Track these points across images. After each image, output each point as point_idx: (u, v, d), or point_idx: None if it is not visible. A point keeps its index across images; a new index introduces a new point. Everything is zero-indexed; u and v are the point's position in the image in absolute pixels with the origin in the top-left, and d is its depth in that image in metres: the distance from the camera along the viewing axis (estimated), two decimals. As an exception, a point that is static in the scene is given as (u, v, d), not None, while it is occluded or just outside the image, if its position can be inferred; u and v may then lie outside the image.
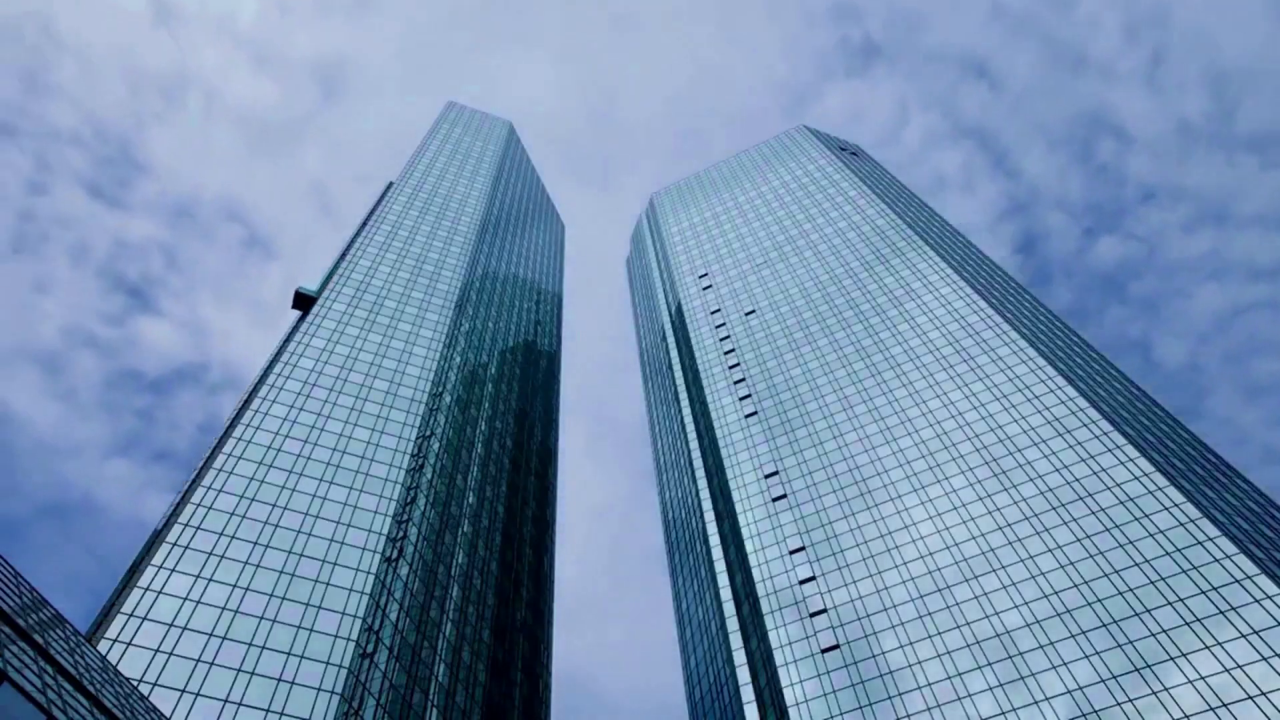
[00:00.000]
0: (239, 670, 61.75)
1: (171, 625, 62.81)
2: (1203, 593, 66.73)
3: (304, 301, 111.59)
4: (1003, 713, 65.99)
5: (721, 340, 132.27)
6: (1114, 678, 64.28)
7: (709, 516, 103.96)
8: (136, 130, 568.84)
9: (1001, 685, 67.85)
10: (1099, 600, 70.02)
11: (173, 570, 67.19)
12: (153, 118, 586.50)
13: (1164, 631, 65.54)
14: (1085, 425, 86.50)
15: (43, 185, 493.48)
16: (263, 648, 64.08)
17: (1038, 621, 71.04)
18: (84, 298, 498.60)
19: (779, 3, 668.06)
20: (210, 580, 67.75)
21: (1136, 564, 71.33)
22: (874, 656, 74.93)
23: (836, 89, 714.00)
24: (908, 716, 69.06)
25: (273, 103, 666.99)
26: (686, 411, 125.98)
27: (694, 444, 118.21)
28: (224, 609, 65.83)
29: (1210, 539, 70.21)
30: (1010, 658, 69.49)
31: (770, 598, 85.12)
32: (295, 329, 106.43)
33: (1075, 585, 72.22)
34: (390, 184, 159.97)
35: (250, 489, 77.79)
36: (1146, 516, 74.67)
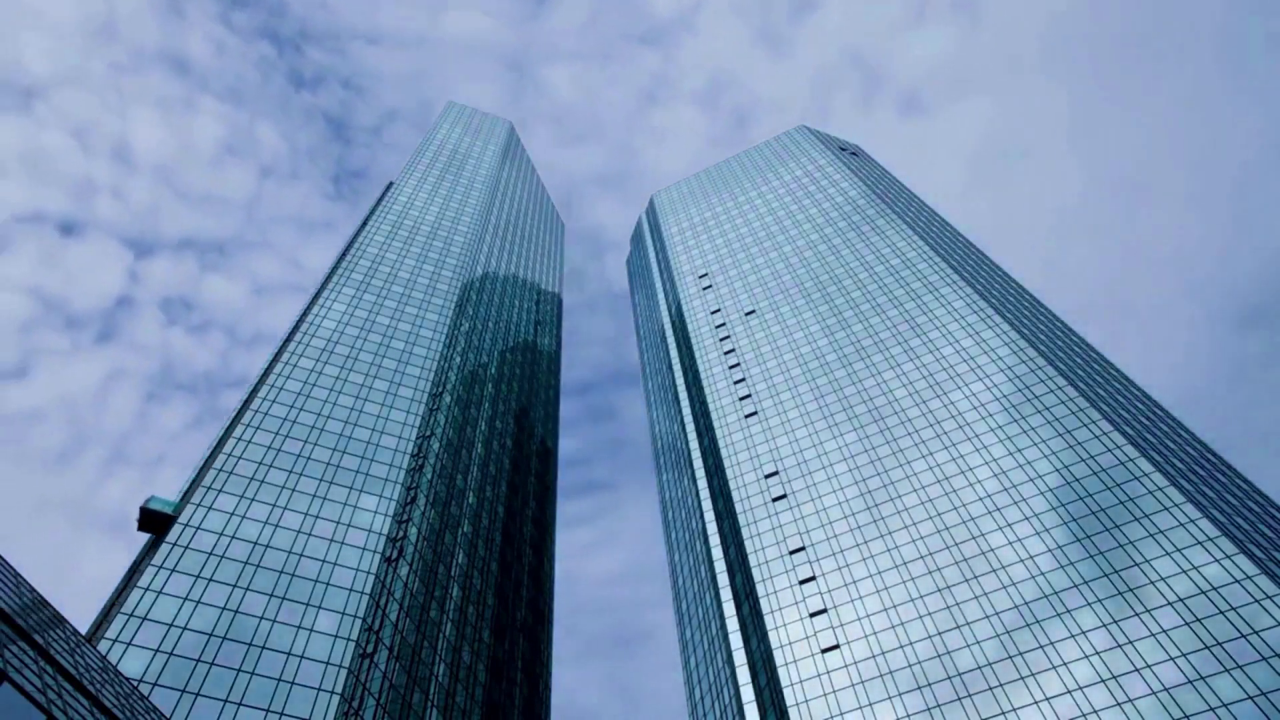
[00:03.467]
0: (239, 670, 61.75)
1: (171, 625, 62.82)
2: (1202, 593, 66.74)
3: (155, 522, 72.43)
4: (1003, 713, 66.00)
5: (721, 340, 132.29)
6: (1114, 678, 64.30)
7: (709, 516, 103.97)
8: None
9: (1002, 685, 67.86)
10: (1099, 600, 70.04)
11: (173, 570, 67.19)
12: None
13: (1164, 632, 65.55)
14: (1085, 425, 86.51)
15: None
16: (263, 648, 64.09)
17: (1038, 621, 71.05)
18: None
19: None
20: (210, 580, 67.76)
21: (1137, 564, 71.33)
22: (874, 657, 74.94)
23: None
24: (908, 716, 69.07)
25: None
26: (686, 411, 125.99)
27: (694, 444, 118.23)
28: (224, 609, 65.84)
29: (1210, 539, 70.22)
30: (1010, 658, 69.50)
31: (770, 598, 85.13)
32: (295, 328, 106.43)
33: (1075, 585, 72.23)
34: (390, 184, 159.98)
35: (250, 489, 77.81)
36: (1147, 516, 74.68)
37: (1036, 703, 65.45)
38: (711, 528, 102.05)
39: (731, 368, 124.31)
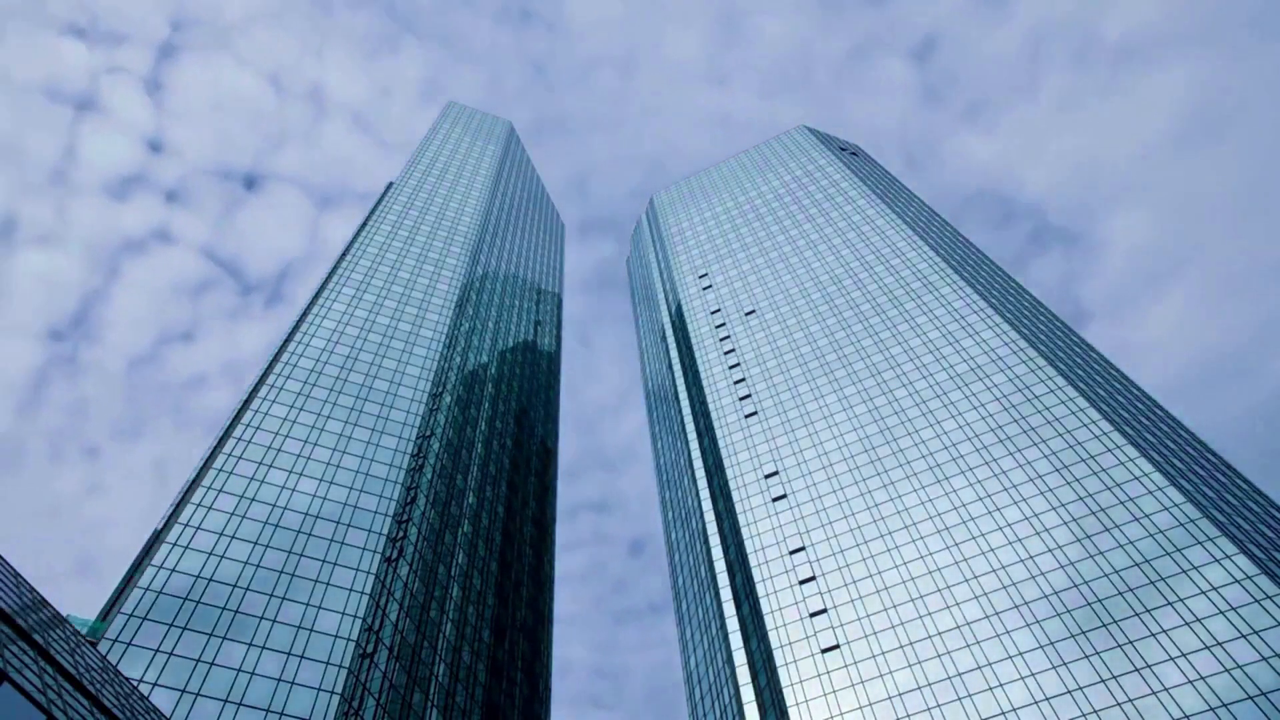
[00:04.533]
0: (239, 670, 61.77)
1: (172, 625, 62.84)
2: (1202, 593, 66.74)
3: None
4: (1003, 713, 66.00)
5: (721, 340, 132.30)
6: (1114, 678, 64.30)
7: (709, 516, 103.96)
8: None
9: (1002, 685, 67.86)
10: (1099, 600, 70.03)
11: (173, 570, 67.21)
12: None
13: (1164, 631, 65.54)
14: (1085, 425, 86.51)
15: None
16: (263, 648, 64.11)
17: (1038, 621, 71.06)
18: None
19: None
20: (210, 580, 67.78)
21: (1136, 564, 71.34)
22: (874, 656, 74.95)
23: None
24: (908, 716, 69.06)
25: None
26: (686, 411, 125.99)
27: (694, 444, 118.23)
28: (224, 609, 65.85)
29: (1210, 539, 70.22)
30: (1010, 658, 69.51)
31: (770, 598, 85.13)
32: (295, 329, 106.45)
33: (1075, 585, 72.23)
34: (390, 184, 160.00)
35: (250, 489, 77.82)
36: (1146, 516, 74.68)
37: (1036, 703, 65.45)
38: (711, 528, 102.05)
39: (731, 368, 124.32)
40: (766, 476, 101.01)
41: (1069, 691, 64.98)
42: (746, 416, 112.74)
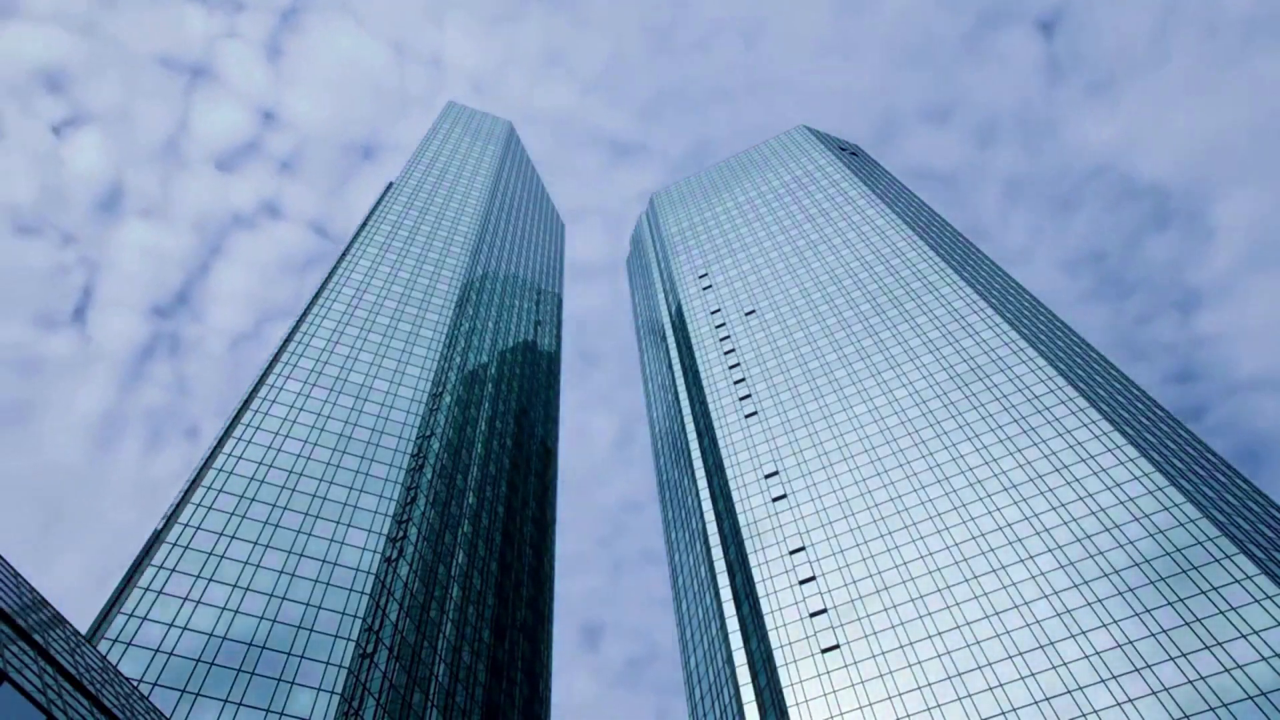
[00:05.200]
0: (239, 670, 61.75)
1: (171, 625, 62.83)
2: (1202, 593, 66.73)
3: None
4: (1003, 713, 65.99)
5: (721, 340, 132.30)
6: (1114, 678, 64.29)
7: (709, 516, 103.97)
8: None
9: (1002, 685, 67.85)
10: (1099, 600, 70.03)
11: (173, 570, 67.20)
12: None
13: (1164, 631, 65.54)
14: (1085, 425, 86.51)
15: None
16: (263, 648, 64.09)
17: (1038, 621, 71.06)
18: None
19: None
20: (210, 580, 67.77)
21: (1136, 564, 71.33)
22: (874, 656, 74.94)
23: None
24: (908, 716, 69.05)
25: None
26: (686, 411, 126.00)
27: (694, 444, 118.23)
28: (224, 609, 65.85)
29: (1210, 539, 70.21)
30: (1010, 658, 69.50)
31: (770, 597, 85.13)
32: (295, 329, 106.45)
33: (1075, 585, 72.23)
34: (390, 184, 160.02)
35: (250, 489, 77.81)
36: (1146, 516, 74.68)
37: (1036, 703, 65.44)
38: (711, 528, 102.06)
39: (731, 368, 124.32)
40: (766, 476, 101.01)
41: (1069, 691, 64.97)
42: (746, 416, 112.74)
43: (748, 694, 79.08)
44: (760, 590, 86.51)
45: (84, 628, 65.72)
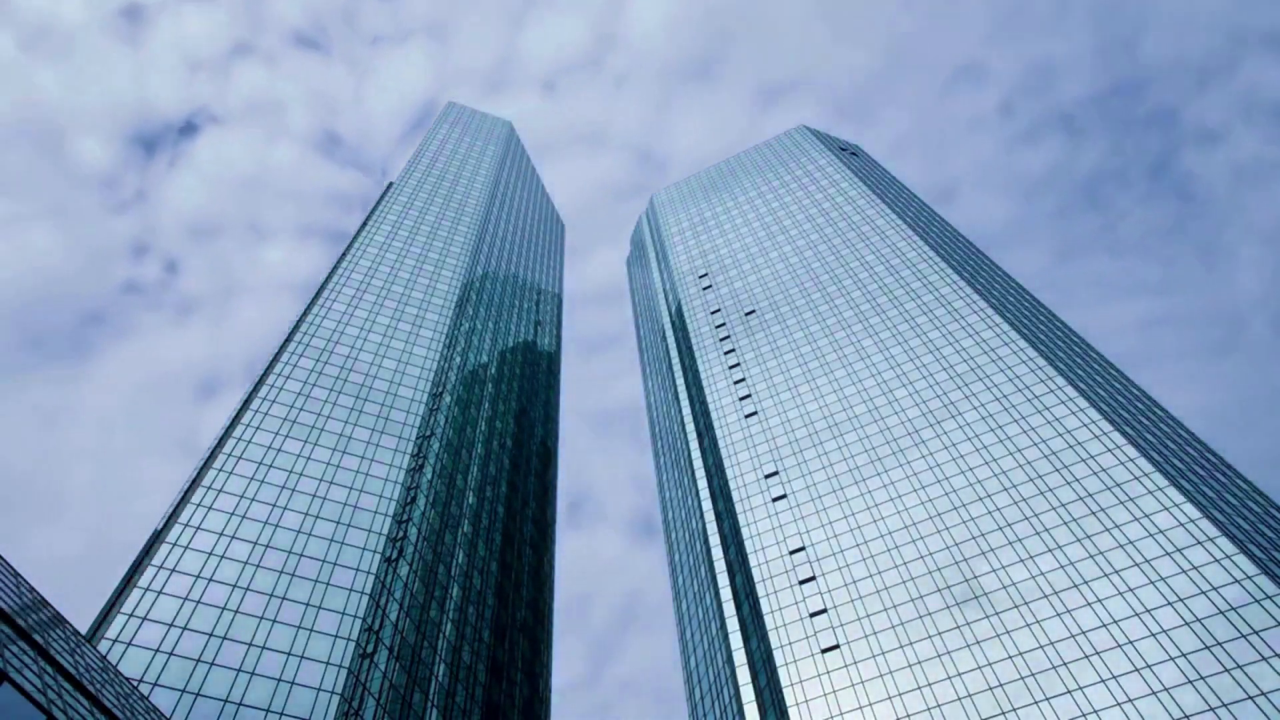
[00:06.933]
0: (239, 670, 61.76)
1: (171, 625, 62.83)
2: (1203, 593, 66.74)
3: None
4: (1003, 713, 65.98)
5: (721, 340, 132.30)
6: (1114, 678, 64.30)
7: (709, 516, 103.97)
8: None
9: (1002, 685, 67.85)
10: (1099, 600, 70.03)
11: (173, 570, 67.20)
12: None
13: (1164, 631, 65.54)
14: (1085, 425, 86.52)
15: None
16: (263, 648, 64.10)
17: (1038, 621, 71.05)
18: None
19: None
20: (210, 580, 67.76)
21: (1136, 564, 71.34)
22: (874, 656, 74.94)
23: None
24: (908, 716, 69.05)
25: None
26: (686, 411, 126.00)
27: (694, 444, 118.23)
28: (224, 609, 65.85)
29: (1210, 539, 70.22)
30: (1010, 658, 69.50)
31: (770, 598, 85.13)
32: (295, 329, 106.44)
33: (1075, 585, 72.23)
34: (390, 184, 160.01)
35: (250, 489, 77.81)
36: (1146, 516, 74.68)
37: (1036, 703, 65.44)
38: (711, 528, 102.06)
39: (731, 368, 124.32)
40: (766, 476, 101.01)
41: (1069, 691, 64.97)
42: (746, 416, 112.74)
43: (748, 694, 79.09)
44: (760, 590, 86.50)
45: (84, 628, 65.75)
